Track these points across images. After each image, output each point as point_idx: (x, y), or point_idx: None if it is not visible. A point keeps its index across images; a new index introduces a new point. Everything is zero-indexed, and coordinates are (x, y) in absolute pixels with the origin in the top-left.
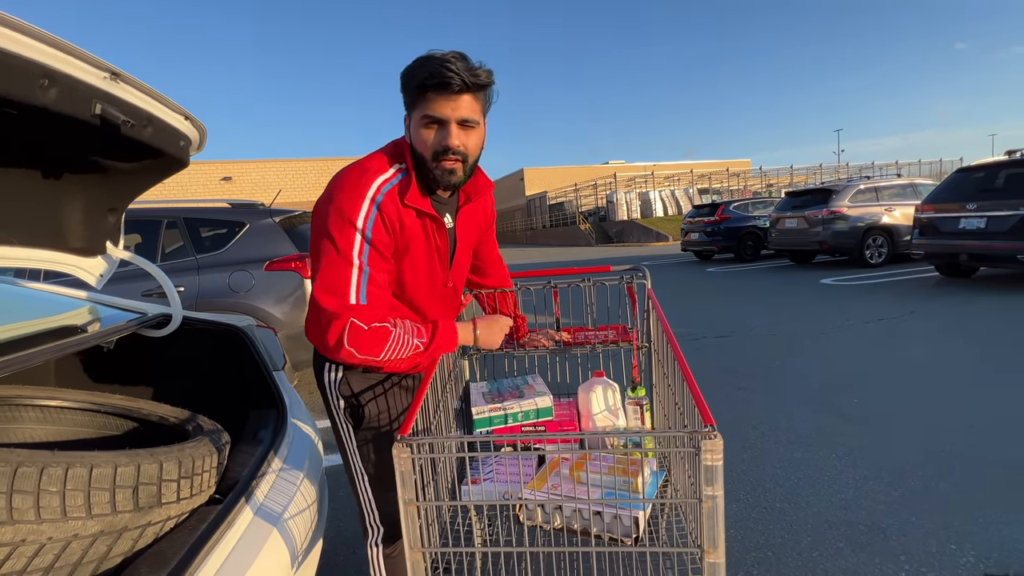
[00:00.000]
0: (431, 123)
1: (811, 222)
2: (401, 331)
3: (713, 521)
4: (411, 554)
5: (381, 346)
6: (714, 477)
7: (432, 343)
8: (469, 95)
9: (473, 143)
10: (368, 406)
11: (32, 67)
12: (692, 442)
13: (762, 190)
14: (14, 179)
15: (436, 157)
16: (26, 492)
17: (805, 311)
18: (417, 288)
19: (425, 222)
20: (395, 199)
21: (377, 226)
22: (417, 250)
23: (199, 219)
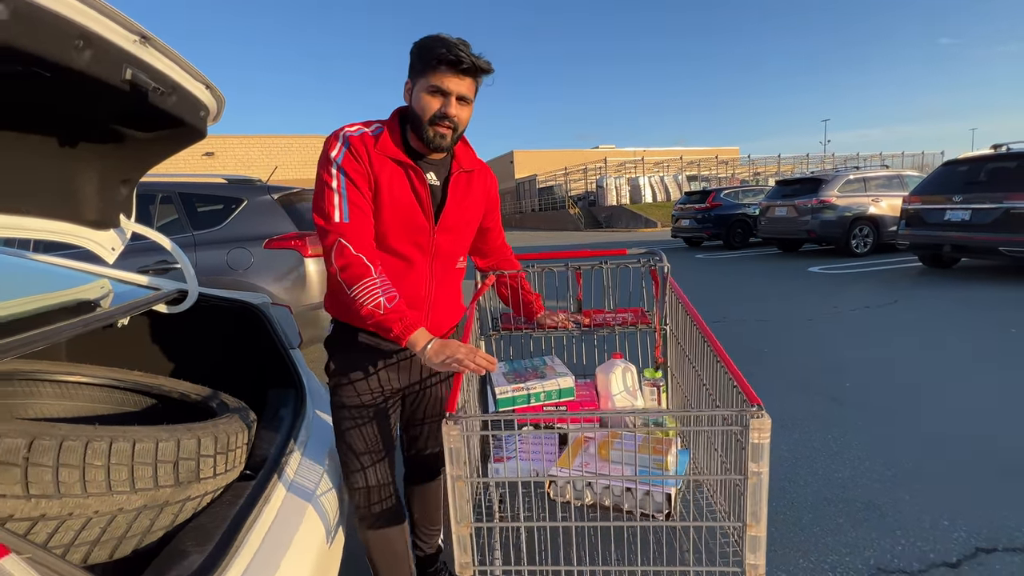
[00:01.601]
0: (436, 92)
1: (800, 211)
2: (378, 283)
3: (758, 497)
4: (457, 528)
5: (356, 280)
6: (761, 454)
7: (389, 314)
8: (472, 77)
9: (464, 116)
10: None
11: (69, 27)
12: (740, 420)
13: (750, 178)
14: (32, 147)
15: (433, 121)
16: (72, 466)
17: (794, 298)
18: (399, 230)
19: (407, 171)
20: (367, 142)
21: (347, 158)
22: (398, 192)
23: (195, 194)
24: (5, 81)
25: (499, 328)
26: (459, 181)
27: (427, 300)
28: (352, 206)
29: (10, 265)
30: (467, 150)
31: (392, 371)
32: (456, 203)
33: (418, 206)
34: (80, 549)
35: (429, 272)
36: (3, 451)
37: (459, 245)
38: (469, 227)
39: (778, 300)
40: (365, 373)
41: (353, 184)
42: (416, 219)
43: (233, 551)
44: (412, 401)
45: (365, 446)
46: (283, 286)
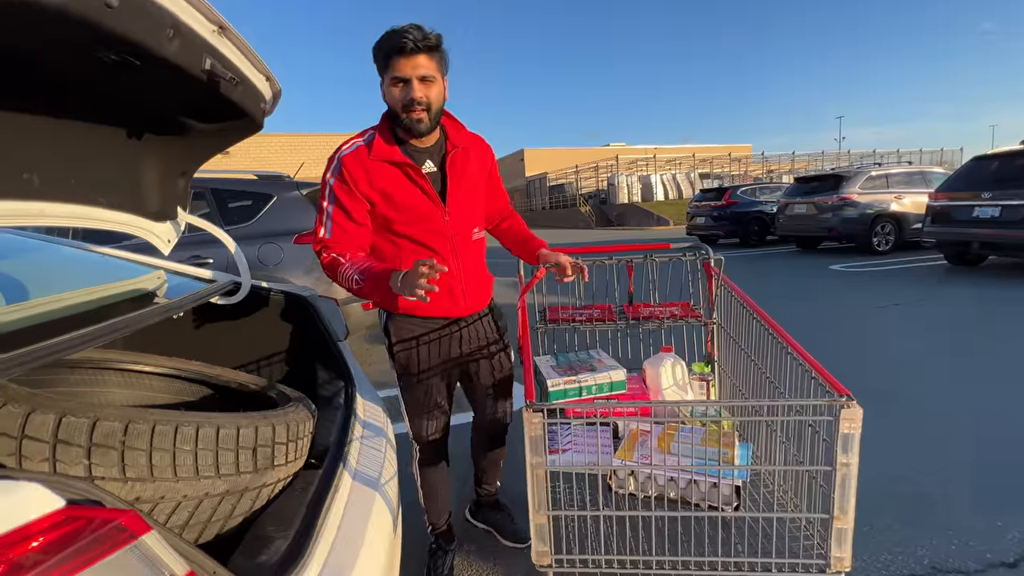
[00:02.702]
0: (397, 82)
1: (820, 208)
2: (348, 267)
3: (845, 488)
4: (536, 517)
5: (335, 275)
6: (851, 445)
7: (365, 283)
8: (423, 55)
9: (434, 95)
10: (404, 349)
11: (165, 16)
12: (830, 410)
13: (763, 176)
14: (104, 138)
15: (405, 109)
16: (163, 450)
17: (818, 296)
18: (415, 222)
19: (404, 170)
20: (361, 156)
21: (337, 181)
22: (402, 191)
23: (226, 190)
24: (95, 72)
25: (545, 320)
26: (455, 160)
27: (459, 278)
28: (335, 225)
29: (72, 256)
30: (456, 126)
31: (445, 342)
32: (456, 181)
33: (424, 197)
34: None
35: (453, 252)
36: (101, 434)
37: (471, 219)
38: (475, 200)
39: (802, 298)
40: (420, 343)
41: (340, 207)
42: (426, 209)
43: (315, 537)
44: (473, 368)
45: (420, 405)
46: (311, 280)
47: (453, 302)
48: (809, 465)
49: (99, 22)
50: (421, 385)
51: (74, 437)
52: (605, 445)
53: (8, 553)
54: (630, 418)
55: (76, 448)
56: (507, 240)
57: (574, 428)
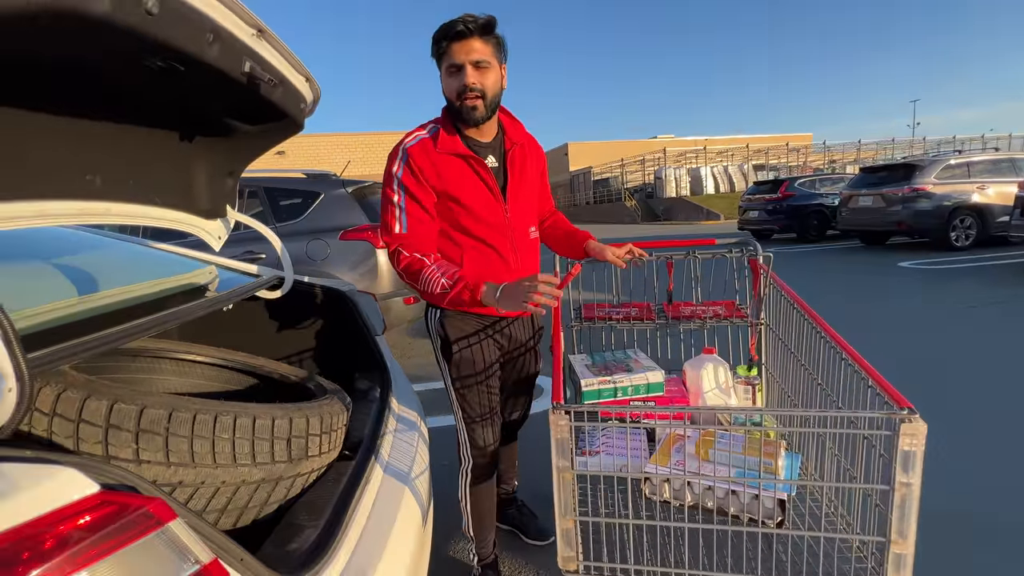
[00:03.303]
0: (452, 70)
1: (889, 200)
2: (433, 269)
3: (905, 510)
4: (562, 522)
5: (418, 276)
6: (912, 463)
7: (455, 288)
8: (477, 39)
9: (489, 82)
10: (459, 348)
11: (204, 21)
12: (890, 425)
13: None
14: (158, 141)
15: (459, 97)
16: (204, 438)
17: (885, 296)
18: (477, 220)
19: (469, 163)
20: (427, 148)
21: (406, 173)
22: (466, 184)
23: (277, 189)
24: (145, 79)
25: (580, 318)
26: (515, 156)
27: (515, 274)
28: (410, 218)
29: (134, 252)
30: (514, 123)
31: (497, 340)
32: (517, 178)
33: (487, 191)
34: (210, 516)
35: (512, 249)
36: (148, 421)
37: (529, 216)
38: (532, 197)
39: (867, 297)
40: (475, 339)
41: (412, 198)
42: (489, 204)
43: (344, 527)
44: (508, 367)
45: (480, 409)
46: (356, 275)
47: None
48: (864, 483)
49: (142, 29)
50: (481, 387)
51: (124, 422)
52: (640, 449)
53: (44, 534)
54: (665, 421)
55: (126, 432)
56: (551, 237)
57: (607, 430)
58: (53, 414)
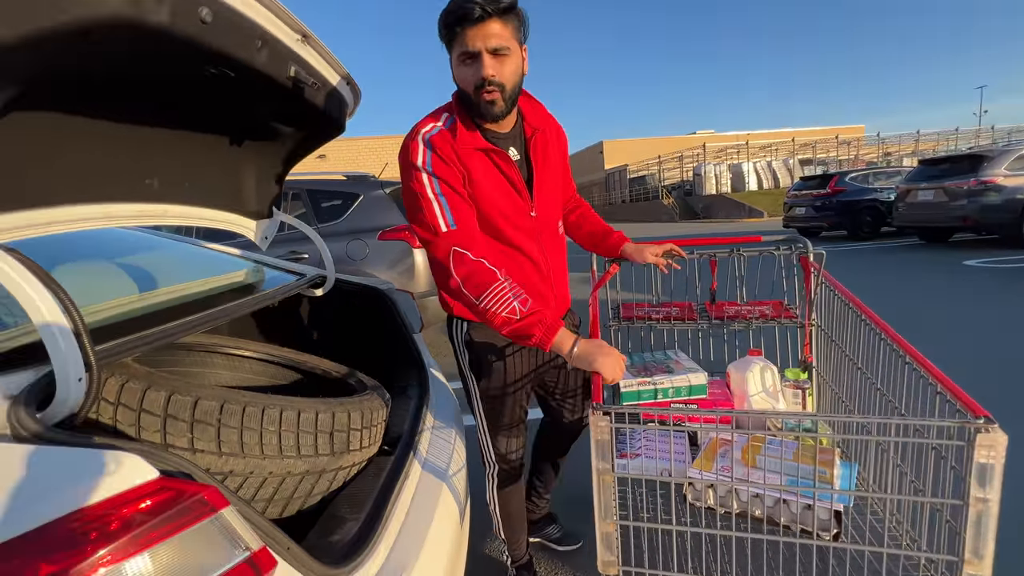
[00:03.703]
0: (466, 59)
1: (953, 194)
2: (507, 287)
3: (981, 528)
4: (602, 525)
5: (484, 288)
6: (989, 477)
7: (527, 319)
8: (495, 21)
9: (508, 72)
10: (489, 362)
11: (254, 28)
12: (962, 434)
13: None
14: (209, 146)
15: (477, 91)
16: (252, 429)
17: (948, 297)
18: (503, 221)
19: (490, 157)
20: (446, 138)
21: (435, 160)
22: (488, 183)
23: (319, 191)
24: (200, 87)
25: (619, 318)
26: (536, 145)
27: (547, 277)
28: (455, 211)
29: (185, 251)
30: (533, 105)
31: (524, 354)
32: (542, 170)
33: (512, 189)
34: (259, 505)
35: (541, 251)
36: (202, 412)
37: (555, 212)
38: (557, 189)
39: (930, 298)
40: (507, 355)
41: (449, 186)
42: (514, 202)
43: (384, 522)
44: (551, 376)
45: (503, 418)
46: (394, 274)
47: (546, 307)
48: (932, 496)
49: (197, 38)
50: (508, 399)
51: (180, 413)
52: (681, 453)
53: (111, 515)
54: (709, 425)
55: (182, 423)
56: (580, 234)
57: (647, 432)
58: (118, 403)
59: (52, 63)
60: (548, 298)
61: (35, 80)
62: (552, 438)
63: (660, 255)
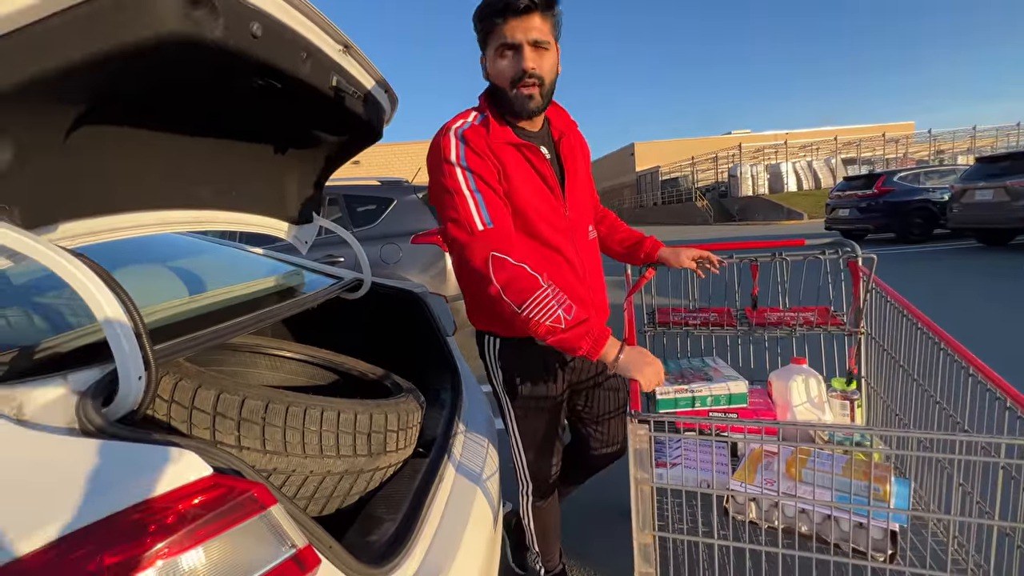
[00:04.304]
0: (506, 50)
1: (1015, 193)
2: (551, 294)
3: None
4: (640, 536)
5: (527, 296)
6: None
7: (574, 330)
8: (537, 15)
9: (548, 66)
10: (524, 380)
11: (299, 40)
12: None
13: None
14: (255, 154)
15: (514, 84)
16: (295, 428)
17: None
18: (538, 219)
19: (523, 152)
20: (479, 132)
21: (469, 154)
22: (522, 179)
23: (355, 196)
24: (247, 98)
25: (655, 323)
26: (564, 145)
27: (584, 280)
28: (491, 207)
29: (230, 255)
30: (557, 110)
31: (561, 373)
32: (572, 170)
33: (545, 188)
34: (300, 502)
35: (576, 254)
36: (248, 411)
37: (587, 214)
38: (587, 193)
39: (992, 305)
40: (542, 372)
41: (484, 182)
42: (548, 201)
43: (420, 523)
44: (585, 396)
45: (540, 437)
46: (427, 277)
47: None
48: (1001, 520)
49: (248, 52)
50: (545, 416)
51: (228, 411)
52: (721, 463)
53: (168, 509)
54: (752, 436)
55: (229, 420)
56: (612, 242)
57: (685, 441)
58: (172, 401)
59: (116, 80)
60: (586, 302)
61: (101, 96)
62: (582, 463)
63: (696, 259)
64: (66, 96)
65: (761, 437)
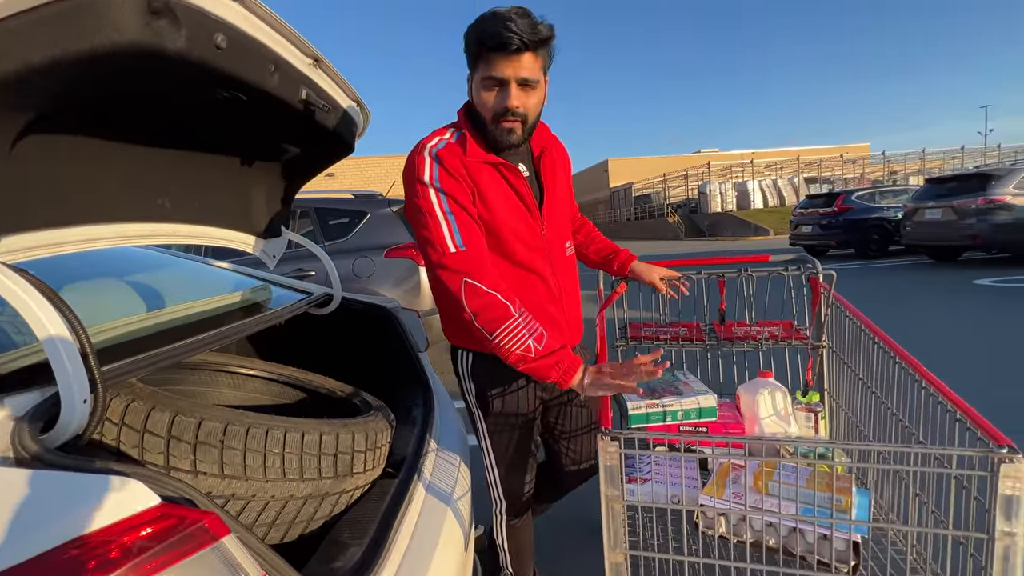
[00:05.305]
0: (492, 84)
1: (961, 213)
2: (522, 323)
3: (1008, 564)
4: (612, 555)
5: (498, 324)
6: (1016, 510)
7: (543, 360)
8: (529, 53)
9: (533, 103)
10: (496, 395)
11: (267, 53)
12: (985, 464)
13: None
14: (220, 166)
15: (496, 118)
16: (256, 451)
17: (961, 317)
18: (514, 239)
19: (500, 170)
20: (455, 151)
21: (443, 175)
22: (498, 198)
23: (327, 209)
24: (211, 109)
25: (626, 338)
26: (545, 163)
27: (559, 299)
28: (464, 229)
29: (193, 269)
30: (540, 125)
31: (533, 389)
32: (552, 188)
33: (523, 206)
34: (260, 530)
35: (553, 273)
36: (205, 433)
37: (565, 231)
38: (566, 209)
39: (942, 318)
40: (514, 387)
41: (458, 204)
42: (525, 220)
43: (387, 547)
44: (557, 412)
45: (513, 453)
46: (400, 292)
47: (558, 333)
48: (955, 529)
49: (212, 63)
50: (518, 432)
51: (184, 434)
52: (691, 478)
53: (111, 543)
54: (720, 450)
55: (185, 444)
56: (588, 252)
57: (656, 457)
58: (122, 424)
59: (71, 86)
60: (559, 322)
61: (54, 103)
62: (551, 482)
63: (665, 279)
64: (14, 102)
65: (728, 451)
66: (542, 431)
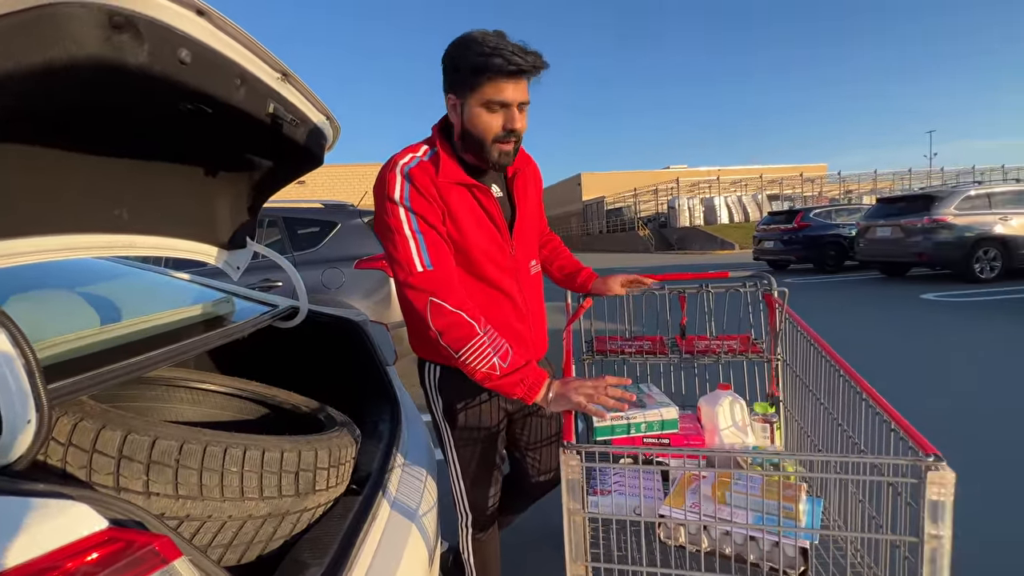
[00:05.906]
0: (495, 107)
1: (908, 231)
2: (487, 341)
3: (936, 565)
4: (573, 568)
5: (463, 343)
6: (941, 515)
7: (508, 377)
8: (526, 78)
9: (525, 124)
10: (463, 408)
11: (234, 68)
12: (915, 472)
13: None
14: (182, 176)
15: (497, 139)
16: (213, 470)
17: (907, 329)
18: (484, 259)
19: (472, 192)
20: (427, 170)
21: (413, 194)
22: (469, 219)
23: (296, 218)
24: (175, 120)
25: (592, 351)
26: (519, 184)
27: (525, 317)
28: (432, 249)
29: (152, 281)
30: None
31: (499, 402)
32: (523, 207)
33: (493, 228)
34: (215, 551)
35: (519, 291)
36: (159, 453)
37: (533, 250)
38: (535, 228)
39: (889, 331)
40: (480, 401)
41: (427, 223)
42: (495, 240)
43: (348, 566)
44: (522, 424)
45: (479, 466)
46: (370, 303)
47: (524, 349)
48: (892, 533)
49: (176, 77)
50: (484, 445)
51: (136, 454)
52: (654, 489)
53: (54, 570)
54: (678, 461)
55: (137, 464)
56: (552, 268)
57: (621, 469)
58: (69, 444)
59: (25, 99)
60: (526, 339)
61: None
62: (516, 493)
63: (625, 283)
64: None
65: (683, 462)
66: (507, 443)
